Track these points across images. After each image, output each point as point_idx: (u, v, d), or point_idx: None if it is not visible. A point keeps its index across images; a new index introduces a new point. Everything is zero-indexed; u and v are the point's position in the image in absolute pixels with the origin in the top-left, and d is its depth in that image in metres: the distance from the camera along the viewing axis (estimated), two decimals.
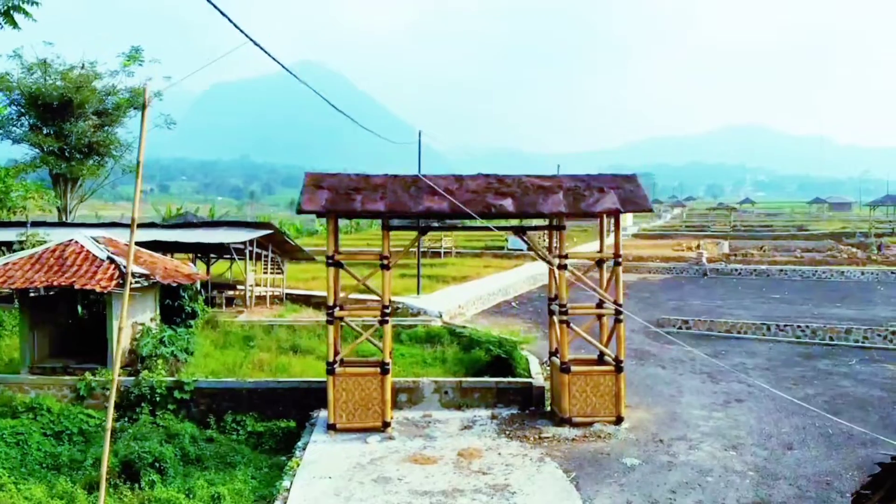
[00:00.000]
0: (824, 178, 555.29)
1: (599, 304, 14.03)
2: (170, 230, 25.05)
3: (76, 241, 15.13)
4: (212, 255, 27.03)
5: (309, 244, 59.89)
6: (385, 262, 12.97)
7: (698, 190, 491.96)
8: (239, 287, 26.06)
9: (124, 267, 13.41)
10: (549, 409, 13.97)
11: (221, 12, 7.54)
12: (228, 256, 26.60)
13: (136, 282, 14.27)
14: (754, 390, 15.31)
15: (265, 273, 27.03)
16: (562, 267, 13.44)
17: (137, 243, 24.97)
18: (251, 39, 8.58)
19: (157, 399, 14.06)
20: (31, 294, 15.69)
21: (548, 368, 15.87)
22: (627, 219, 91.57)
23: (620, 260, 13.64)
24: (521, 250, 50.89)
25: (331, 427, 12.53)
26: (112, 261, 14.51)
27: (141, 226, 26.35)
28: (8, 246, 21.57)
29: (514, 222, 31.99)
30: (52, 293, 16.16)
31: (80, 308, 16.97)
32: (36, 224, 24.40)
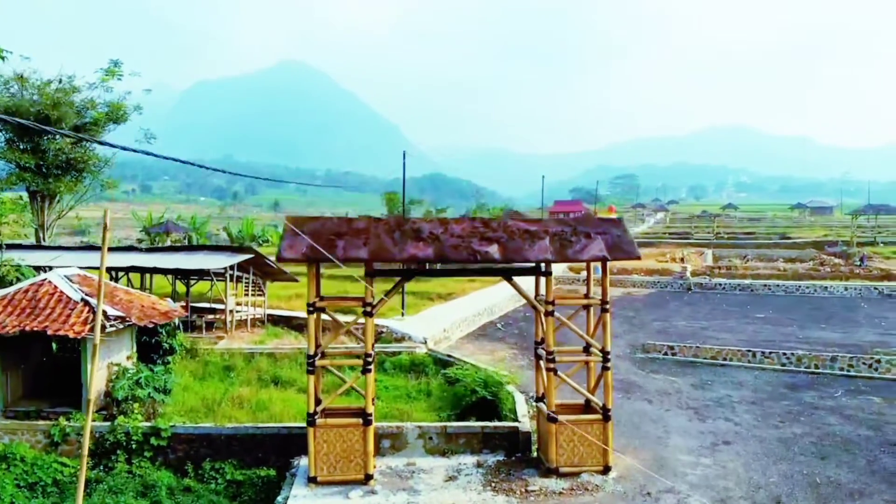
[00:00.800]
0: (806, 178, 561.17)
1: (586, 349, 13.80)
2: (149, 254, 24.52)
3: (50, 281, 14.69)
4: (192, 277, 26.59)
5: None
6: (368, 308, 12.65)
7: (681, 191, 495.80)
8: (219, 309, 25.66)
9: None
10: (535, 454, 13.72)
11: None
12: (209, 277, 26.18)
13: (111, 325, 13.86)
14: (741, 430, 15.18)
15: (246, 294, 26.62)
16: (549, 313, 13.21)
17: (115, 269, 24.53)
18: None
19: (133, 446, 13.67)
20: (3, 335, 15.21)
21: (534, 406, 15.62)
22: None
23: (608, 307, 13.37)
24: None
25: (311, 480, 12.20)
26: (86, 303, 14.09)
27: (119, 249, 25.87)
28: None
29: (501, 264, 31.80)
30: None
31: (54, 345, 16.48)
32: (11, 247, 23.79)
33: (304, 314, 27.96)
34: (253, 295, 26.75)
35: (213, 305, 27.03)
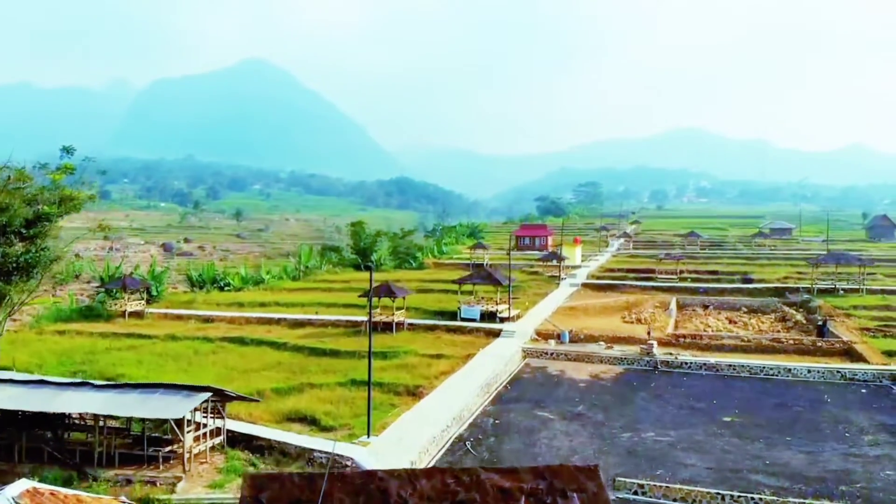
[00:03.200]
0: (764, 183, 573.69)
1: None
2: (103, 393, 23.35)
3: None
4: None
5: (253, 299, 57.52)
6: None
7: (643, 196, 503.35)
8: (177, 439, 24.67)
9: None
10: None
11: None
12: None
13: None
14: None
15: (205, 416, 25.66)
16: None
17: (65, 415, 23.32)
18: None
19: None
20: None
21: None
22: (576, 254, 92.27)
23: None
24: (474, 320, 50.55)
25: None
26: None
27: (71, 385, 24.61)
28: None
29: None
30: None
31: None
32: None
33: (266, 430, 27.21)
34: (213, 417, 25.79)
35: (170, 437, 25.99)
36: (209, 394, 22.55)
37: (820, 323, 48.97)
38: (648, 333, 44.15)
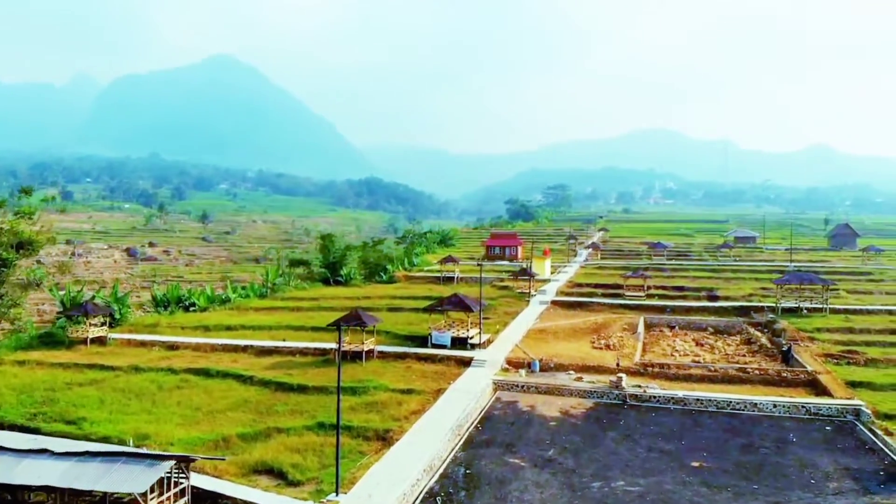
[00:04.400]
0: (728, 185, 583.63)
1: None
2: (64, 462, 22.48)
3: None
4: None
5: (219, 321, 56.35)
6: None
7: (610, 197, 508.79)
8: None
9: None
10: None
11: None
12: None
13: None
14: None
15: (169, 474, 24.99)
16: None
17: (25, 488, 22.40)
18: None
19: None
20: None
21: None
22: (545, 267, 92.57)
23: None
24: (445, 346, 50.32)
25: None
26: None
27: (31, 453, 23.70)
28: None
29: None
30: None
31: None
32: None
33: (232, 487, 26.63)
34: (177, 476, 25.13)
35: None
36: (173, 462, 21.95)
37: (785, 348, 49.75)
38: (617, 365, 44.36)
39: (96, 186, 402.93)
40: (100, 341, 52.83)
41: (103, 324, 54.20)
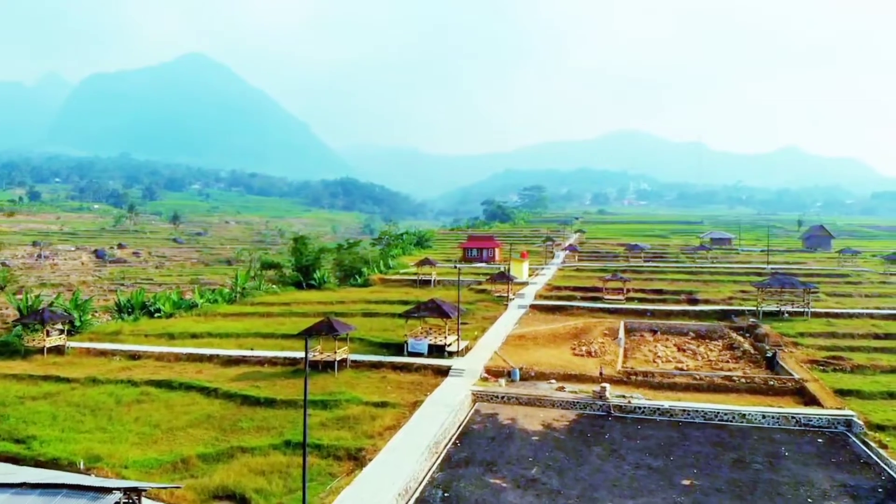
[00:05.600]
0: (701, 186, 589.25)
1: None
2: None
3: None
4: None
5: (185, 328, 53.08)
6: None
7: (585, 198, 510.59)
8: None
9: None
10: None
11: None
12: None
13: None
14: None
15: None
16: None
17: None
18: None
19: None
20: None
21: None
22: (523, 270, 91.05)
23: None
24: (422, 354, 48.39)
25: None
26: None
27: None
28: None
29: None
30: None
31: None
32: None
33: None
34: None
35: None
36: (120, 494, 19.76)
37: (769, 354, 48.57)
38: (601, 374, 42.78)
39: (65, 186, 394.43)
40: (58, 351, 50.09)
41: (62, 332, 51.45)
